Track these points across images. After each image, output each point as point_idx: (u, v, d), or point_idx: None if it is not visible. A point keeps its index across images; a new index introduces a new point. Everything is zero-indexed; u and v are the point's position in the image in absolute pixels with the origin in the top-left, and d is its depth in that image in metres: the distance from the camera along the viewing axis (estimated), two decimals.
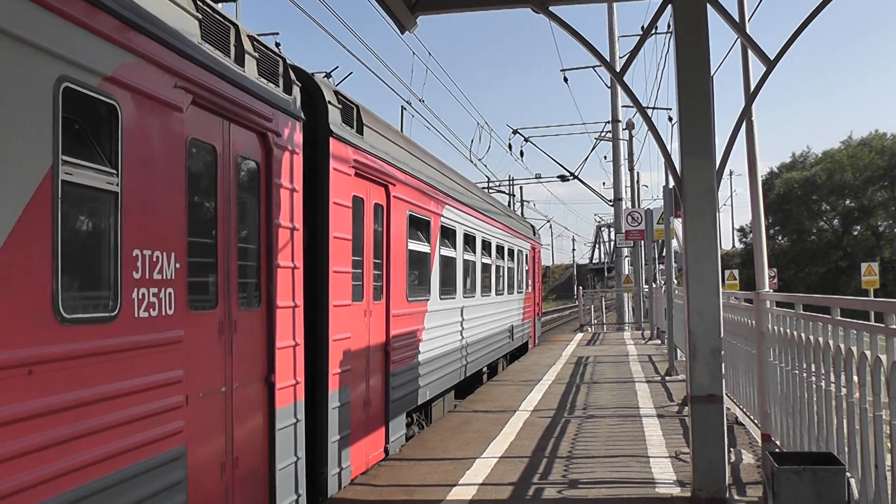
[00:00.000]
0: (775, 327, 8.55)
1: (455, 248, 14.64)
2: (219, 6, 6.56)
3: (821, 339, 6.82)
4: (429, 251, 12.61)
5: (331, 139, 8.51)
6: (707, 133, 7.98)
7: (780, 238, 72.44)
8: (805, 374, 7.35)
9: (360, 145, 9.36)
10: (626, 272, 40.22)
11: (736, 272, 30.69)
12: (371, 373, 9.86)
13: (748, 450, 9.68)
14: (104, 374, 4.69)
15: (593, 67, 39.09)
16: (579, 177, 37.97)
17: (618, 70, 8.92)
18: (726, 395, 8.84)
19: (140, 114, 5.09)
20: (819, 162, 71.48)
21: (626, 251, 40.56)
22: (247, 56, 6.77)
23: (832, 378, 6.53)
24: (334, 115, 8.72)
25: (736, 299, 11.50)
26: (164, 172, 5.36)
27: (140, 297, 5.06)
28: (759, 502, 7.53)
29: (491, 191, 43.82)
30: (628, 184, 42.75)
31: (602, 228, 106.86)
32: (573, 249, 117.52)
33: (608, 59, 8.84)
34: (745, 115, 9.03)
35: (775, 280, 34.19)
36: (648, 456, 9.59)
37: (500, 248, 20.11)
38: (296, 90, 7.80)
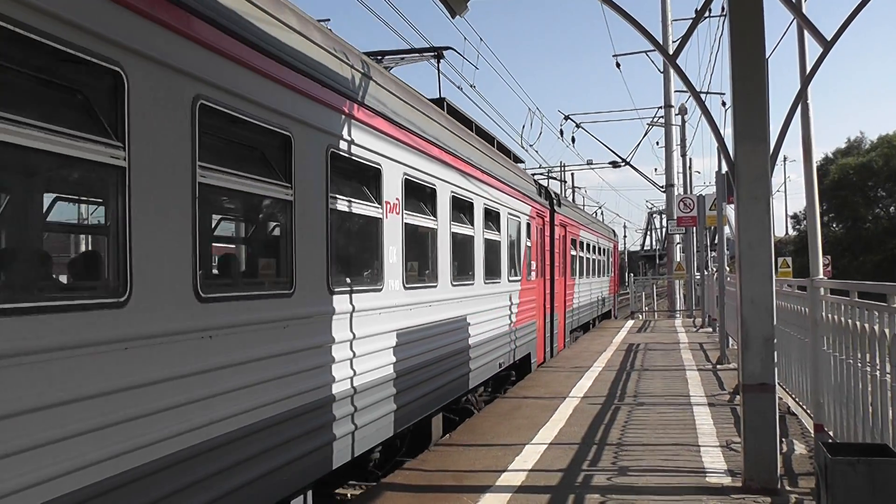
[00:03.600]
0: (829, 315, 8.41)
1: (584, 250, 26.61)
2: (518, 165, 18.18)
3: (876, 328, 6.70)
4: (576, 253, 24.70)
5: (555, 213, 20.15)
6: (761, 117, 7.84)
7: (834, 225, 70.70)
8: (860, 364, 7.23)
9: (560, 212, 21.18)
10: (678, 259, 39.84)
11: (789, 259, 30.09)
12: (559, 309, 20.72)
13: (800, 440, 9.54)
14: (530, 294, 16.93)
15: (646, 52, 38.72)
16: (631, 163, 37.63)
17: (671, 53, 8.79)
18: (778, 384, 8.71)
19: (533, 222, 17.41)
20: (875, 147, 69.51)
21: (677, 238, 40.16)
22: (540, 190, 18.88)
23: (888, 368, 6.41)
24: (554, 202, 20.45)
25: (789, 287, 11.33)
26: (536, 239, 17.70)
27: (530, 274, 16.90)
28: (811, 494, 7.40)
29: (542, 178, 43.72)
30: (680, 170, 42.35)
31: (654, 215, 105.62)
32: (624, 236, 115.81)
33: (661, 43, 8.73)
34: (801, 98, 8.87)
35: (829, 268, 33.52)
36: (699, 445, 9.52)
37: (599, 249, 31.84)
38: (546, 196, 19.55)
